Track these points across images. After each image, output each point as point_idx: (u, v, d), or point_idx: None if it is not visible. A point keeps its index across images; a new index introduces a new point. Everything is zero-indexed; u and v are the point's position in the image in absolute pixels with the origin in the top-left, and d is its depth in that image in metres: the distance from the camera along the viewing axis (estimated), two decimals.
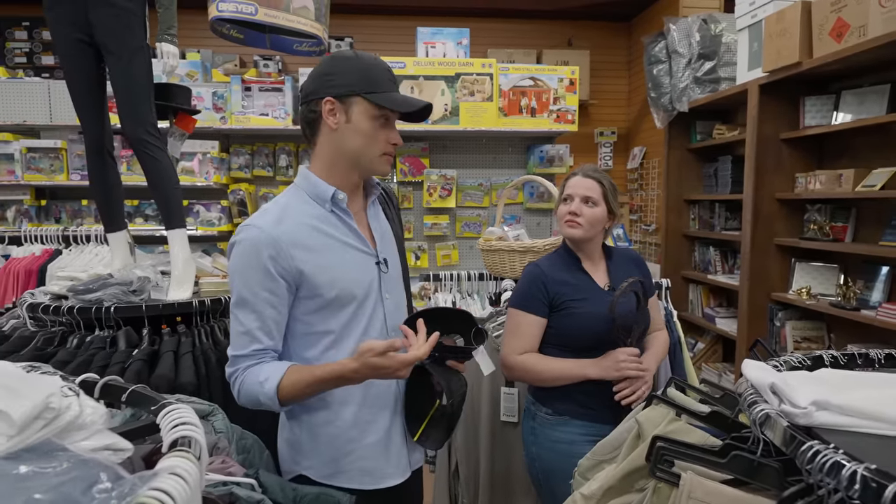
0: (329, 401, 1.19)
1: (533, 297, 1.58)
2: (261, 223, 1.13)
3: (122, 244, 2.00)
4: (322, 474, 1.21)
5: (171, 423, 0.67)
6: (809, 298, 2.83)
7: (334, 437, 1.20)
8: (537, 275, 1.60)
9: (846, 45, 2.42)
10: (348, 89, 1.15)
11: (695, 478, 0.76)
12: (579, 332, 1.56)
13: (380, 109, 1.16)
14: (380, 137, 1.18)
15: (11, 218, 3.62)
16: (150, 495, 0.49)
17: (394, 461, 1.26)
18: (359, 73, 1.16)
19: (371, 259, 1.24)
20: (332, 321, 1.18)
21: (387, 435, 1.24)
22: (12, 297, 2.78)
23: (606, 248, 1.70)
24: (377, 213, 1.32)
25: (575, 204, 1.60)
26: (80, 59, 1.80)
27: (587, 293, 1.58)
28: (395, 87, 1.20)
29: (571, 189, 1.63)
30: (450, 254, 3.74)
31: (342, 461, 1.21)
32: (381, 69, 1.19)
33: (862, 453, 0.62)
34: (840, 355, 0.96)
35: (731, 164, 3.54)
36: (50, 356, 1.55)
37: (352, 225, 1.22)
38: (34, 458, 0.55)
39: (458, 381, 1.26)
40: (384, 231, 1.31)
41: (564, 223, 1.62)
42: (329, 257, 1.17)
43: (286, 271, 1.12)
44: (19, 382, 0.62)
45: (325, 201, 1.19)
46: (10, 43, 4.93)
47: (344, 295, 1.17)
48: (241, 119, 3.48)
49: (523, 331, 1.59)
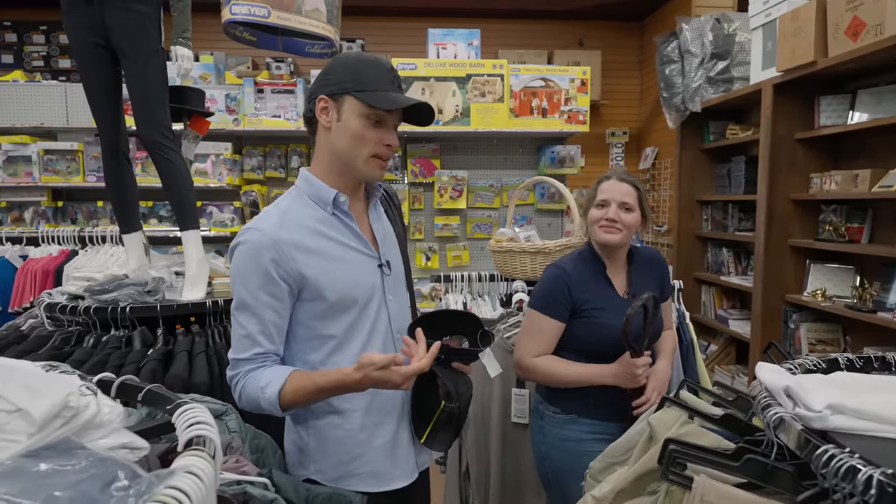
0: (336, 405, 1.19)
1: (555, 300, 1.55)
2: (262, 226, 1.12)
3: (138, 245, 2.02)
4: (330, 478, 1.20)
5: (187, 422, 0.68)
6: (825, 300, 2.79)
7: (342, 441, 1.20)
8: (561, 278, 1.56)
9: (862, 44, 2.39)
10: (340, 87, 1.13)
11: (708, 481, 0.75)
12: (596, 341, 1.54)
13: (370, 108, 1.13)
14: (369, 137, 1.14)
15: (29, 219, 3.68)
16: (168, 493, 0.50)
17: (401, 464, 1.26)
18: (353, 71, 1.13)
19: (373, 262, 1.23)
20: (335, 325, 1.17)
21: (394, 438, 1.24)
22: (30, 297, 2.82)
23: (630, 252, 1.67)
24: (379, 214, 1.31)
25: (612, 210, 1.55)
26: (96, 63, 1.82)
27: (606, 302, 1.56)
28: (392, 87, 1.15)
29: (607, 194, 1.57)
30: (460, 255, 3.74)
31: (350, 465, 1.20)
32: (379, 69, 1.15)
33: (878, 458, 0.61)
34: (856, 358, 0.95)
35: (744, 164, 3.51)
36: (67, 355, 1.58)
37: (353, 228, 1.20)
38: (54, 455, 0.56)
39: (464, 383, 1.25)
40: (387, 233, 1.31)
41: (600, 228, 1.56)
42: (331, 260, 1.15)
43: (287, 274, 1.11)
44: (39, 381, 0.64)
45: (326, 204, 1.18)
46: (28, 46, 5.01)
47: (346, 298, 1.16)
48: (253, 121, 3.51)
49: (542, 334, 1.56)
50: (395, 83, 1.17)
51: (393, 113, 1.16)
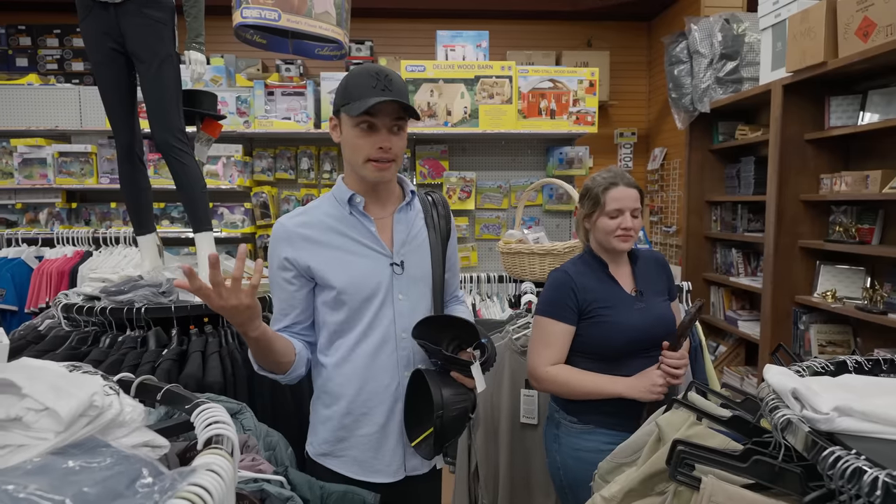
0: (329, 386, 1.30)
1: (562, 304, 1.54)
2: (283, 219, 1.30)
3: (152, 246, 2.05)
4: (317, 452, 1.33)
5: (205, 421, 0.70)
6: (835, 301, 2.78)
7: (329, 420, 1.30)
8: (566, 282, 1.56)
9: (873, 45, 2.38)
10: (336, 106, 1.26)
11: (716, 482, 0.76)
12: (607, 342, 1.52)
13: (357, 118, 1.20)
14: (361, 145, 1.23)
15: (44, 220, 3.73)
16: (191, 490, 0.52)
17: (386, 459, 1.30)
18: (343, 88, 1.23)
19: (385, 260, 1.29)
20: (337, 313, 1.27)
21: (381, 431, 1.29)
22: (46, 297, 2.87)
23: (631, 252, 1.67)
24: (407, 218, 1.34)
25: (628, 219, 1.54)
26: (112, 68, 1.86)
27: (615, 300, 1.55)
28: (374, 92, 1.18)
29: (620, 203, 1.55)
30: (469, 256, 3.76)
31: (335, 445, 1.31)
32: (362, 77, 1.19)
33: (885, 460, 0.62)
34: (864, 360, 0.95)
35: (753, 165, 3.49)
36: (84, 355, 1.61)
37: (368, 227, 1.29)
38: (80, 453, 0.58)
39: (456, 394, 1.22)
40: (412, 236, 1.33)
41: (617, 238, 1.55)
42: (337, 253, 1.26)
43: (296, 261, 1.25)
44: (65, 381, 0.66)
45: (345, 204, 1.29)
46: (42, 50, 5.08)
47: (350, 288, 1.25)
48: (264, 123, 3.54)
49: (553, 340, 1.54)
50: (379, 86, 1.19)
51: (381, 117, 1.21)
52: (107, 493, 0.52)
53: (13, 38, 5.07)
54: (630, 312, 1.53)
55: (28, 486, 0.49)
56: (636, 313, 1.54)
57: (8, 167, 3.63)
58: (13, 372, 0.65)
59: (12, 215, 3.76)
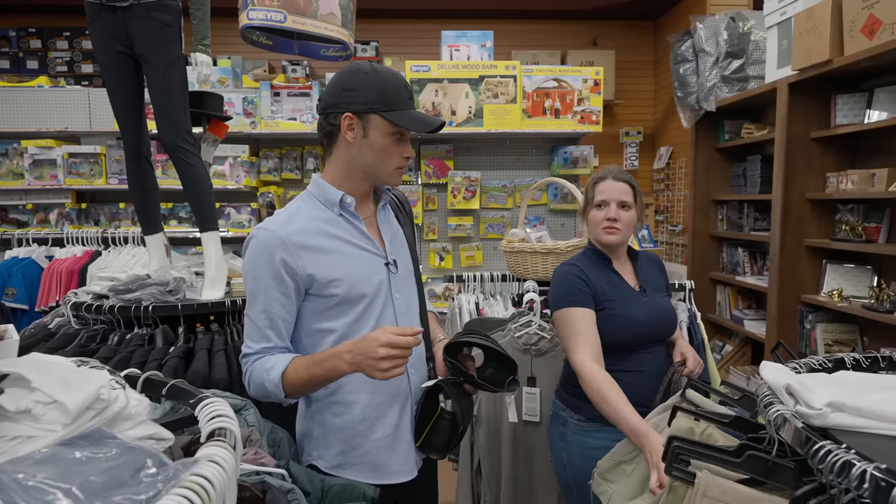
0: (339, 395, 1.24)
1: (577, 289, 1.54)
2: (271, 226, 1.19)
3: (159, 246, 2.08)
4: (330, 465, 1.26)
5: (209, 414, 0.72)
6: (841, 301, 2.76)
7: (342, 430, 1.25)
8: (576, 272, 1.57)
9: (879, 42, 2.37)
10: (367, 106, 1.19)
11: (710, 476, 0.77)
12: (614, 335, 1.52)
13: (396, 127, 1.20)
14: (394, 152, 1.23)
15: (54, 220, 3.78)
16: (192, 479, 0.54)
17: (401, 459, 1.29)
18: (377, 90, 1.19)
19: (380, 260, 1.28)
20: (341, 319, 1.22)
21: (395, 432, 1.27)
22: (56, 296, 2.91)
23: (631, 251, 1.70)
24: (387, 217, 1.36)
25: (612, 210, 1.57)
26: (120, 70, 1.88)
27: (622, 294, 1.57)
28: (411, 104, 1.23)
29: (605, 195, 1.59)
30: (473, 255, 3.77)
31: (350, 454, 1.25)
32: (399, 85, 1.22)
33: (877, 454, 0.62)
34: (862, 358, 0.96)
35: (759, 163, 3.48)
36: (93, 352, 1.63)
37: (360, 227, 1.27)
38: (87, 444, 0.60)
39: (469, 405, 1.30)
40: (395, 234, 1.35)
41: (603, 230, 1.58)
42: (337, 257, 1.21)
43: (295, 272, 1.17)
44: (73, 376, 0.68)
45: (333, 205, 1.25)
46: (52, 52, 5.14)
47: (353, 293, 1.22)
48: (270, 123, 3.57)
49: (579, 328, 1.50)
50: (411, 98, 1.25)
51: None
52: (112, 481, 0.53)
53: (24, 40, 5.13)
54: (636, 306, 1.55)
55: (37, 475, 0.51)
56: (641, 307, 1.56)
57: (19, 168, 3.69)
58: (23, 366, 0.67)
59: (23, 215, 3.81)
